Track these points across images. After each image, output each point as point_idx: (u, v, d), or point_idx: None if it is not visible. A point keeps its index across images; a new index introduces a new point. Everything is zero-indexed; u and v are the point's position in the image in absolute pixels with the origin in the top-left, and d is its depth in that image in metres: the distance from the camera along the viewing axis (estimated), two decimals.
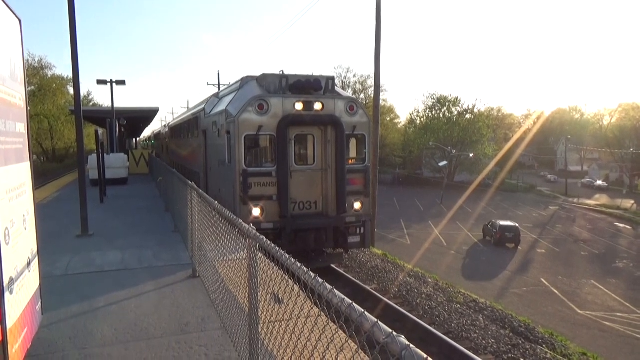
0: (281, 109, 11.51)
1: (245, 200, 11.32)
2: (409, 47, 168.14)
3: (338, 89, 13.05)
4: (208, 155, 15.38)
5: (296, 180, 11.90)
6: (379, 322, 1.78)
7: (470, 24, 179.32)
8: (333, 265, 14.58)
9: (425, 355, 1.51)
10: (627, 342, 16.61)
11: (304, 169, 12.18)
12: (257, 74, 13.18)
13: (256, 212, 11.38)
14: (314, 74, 12.70)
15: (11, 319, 3.72)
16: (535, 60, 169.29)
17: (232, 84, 15.00)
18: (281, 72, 12.17)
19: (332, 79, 12.62)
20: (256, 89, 12.23)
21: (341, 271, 14.87)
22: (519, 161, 70.76)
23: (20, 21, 4.49)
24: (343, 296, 2.12)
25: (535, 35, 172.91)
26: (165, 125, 38.26)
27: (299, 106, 11.61)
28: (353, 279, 14.37)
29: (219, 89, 30.40)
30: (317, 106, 11.74)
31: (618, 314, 19.23)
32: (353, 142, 12.55)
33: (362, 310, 1.92)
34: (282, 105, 11.53)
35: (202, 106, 16.99)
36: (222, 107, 13.39)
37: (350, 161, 12.31)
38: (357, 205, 12.37)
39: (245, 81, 13.15)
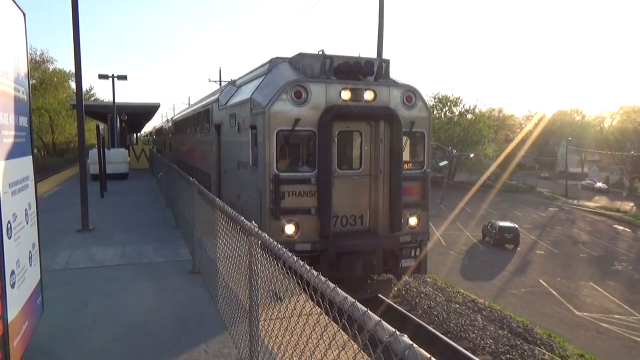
0: (324, 98, 9.15)
1: (276, 214, 8.94)
2: (411, 46, 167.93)
3: (393, 76, 10.53)
4: (222, 154, 13.15)
5: (338, 189, 9.48)
6: (382, 321, 1.78)
7: (473, 25, 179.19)
8: None
9: (428, 355, 1.51)
10: (625, 344, 16.64)
11: (349, 174, 9.79)
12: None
13: (289, 229, 9.09)
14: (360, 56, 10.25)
15: (12, 313, 3.72)
16: (536, 62, 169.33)
17: (257, 68, 11.86)
18: (321, 52, 9.68)
19: (387, 61, 10.22)
20: (290, 72, 9.88)
21: None
22: (520, 162, 70.61)
23: (24, 14, 4.48)
24: (345, 294, 2.12)
25: (537, 36, 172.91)
26: (168, 120, 37.56)
27: (345, 95, 9.24)
28: None
29: (220, 86, 29.79)
30: (368, 95, 9.40)
31: (616, 316, 19.26)
32: (408, 142, 10.19)
33: (365, 309, 1.93)
34: (325, 93, 9.17)
35: (216, 96, 14.42)
36: (244, 96, 11.05)
37: (405, 165, 10.00)
38: (413, 221, 10.09)
39: (274, 63, 10.57)
